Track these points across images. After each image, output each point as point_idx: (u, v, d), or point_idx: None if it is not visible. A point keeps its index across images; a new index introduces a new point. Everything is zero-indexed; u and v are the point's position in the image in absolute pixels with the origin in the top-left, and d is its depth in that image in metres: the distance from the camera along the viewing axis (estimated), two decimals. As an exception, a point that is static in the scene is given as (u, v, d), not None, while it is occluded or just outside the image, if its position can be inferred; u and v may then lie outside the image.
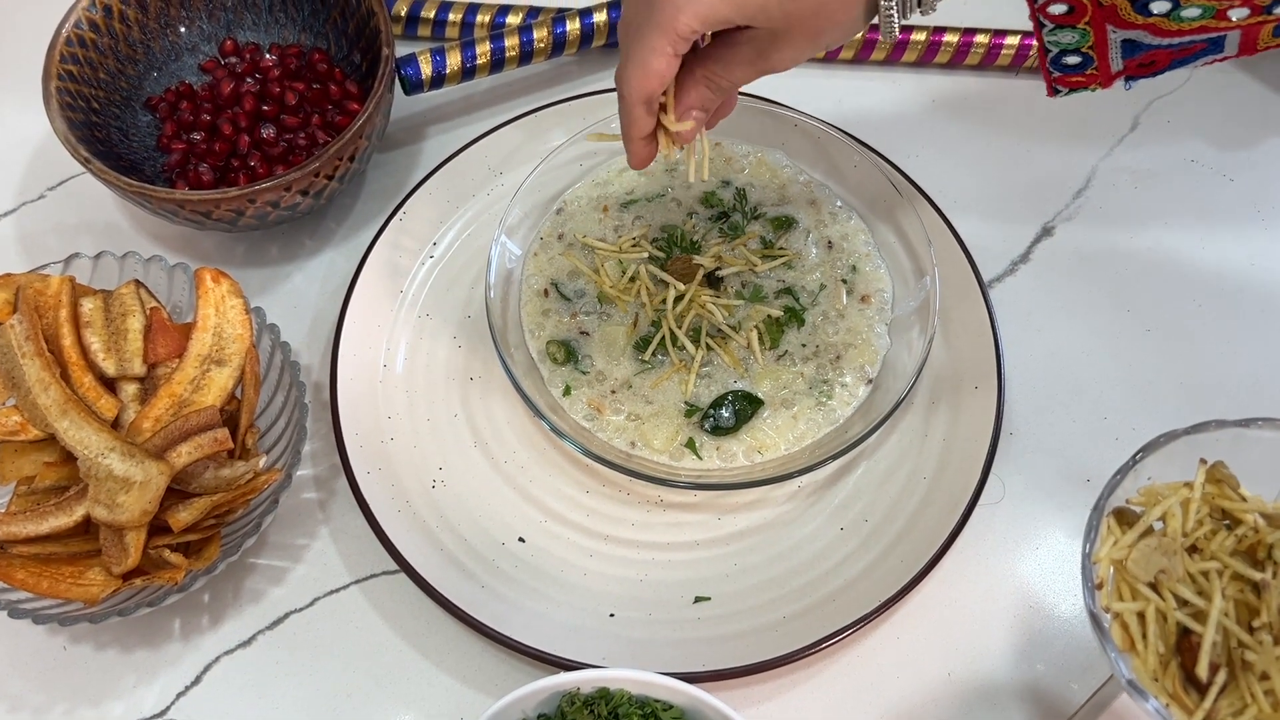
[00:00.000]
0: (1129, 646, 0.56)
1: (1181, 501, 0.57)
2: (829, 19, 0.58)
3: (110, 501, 0.62)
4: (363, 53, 0.86)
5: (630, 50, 0.59)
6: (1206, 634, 0.54)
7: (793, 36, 0.58)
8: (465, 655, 0.69)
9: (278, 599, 0.72)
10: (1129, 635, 0.56)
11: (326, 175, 0.77)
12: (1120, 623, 0.56)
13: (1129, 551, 0.56)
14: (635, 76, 0.59)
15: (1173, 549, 0.56)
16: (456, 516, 0.72)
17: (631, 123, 0.62)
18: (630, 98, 0.60)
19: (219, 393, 0.68)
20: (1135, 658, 0.56)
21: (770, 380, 0.73)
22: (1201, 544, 0.56)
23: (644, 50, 0.58)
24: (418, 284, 0.80)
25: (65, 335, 0.68)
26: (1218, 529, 0.57)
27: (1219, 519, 0.58)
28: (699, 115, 0.63)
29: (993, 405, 0.73)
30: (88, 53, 0.82)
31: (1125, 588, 0.57)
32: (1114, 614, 0.56)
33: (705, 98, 0.62)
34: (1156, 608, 0.55)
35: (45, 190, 0.88)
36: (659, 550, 0.71)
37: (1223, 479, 0.58)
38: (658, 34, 0.57)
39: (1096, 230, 0.84)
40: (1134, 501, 0.59)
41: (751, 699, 0.68)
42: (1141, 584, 0.56)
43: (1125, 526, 0.58)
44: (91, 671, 0.69)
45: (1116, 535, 0.58)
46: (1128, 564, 0.56)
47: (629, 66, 0.59)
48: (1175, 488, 0.58)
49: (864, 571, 0.69)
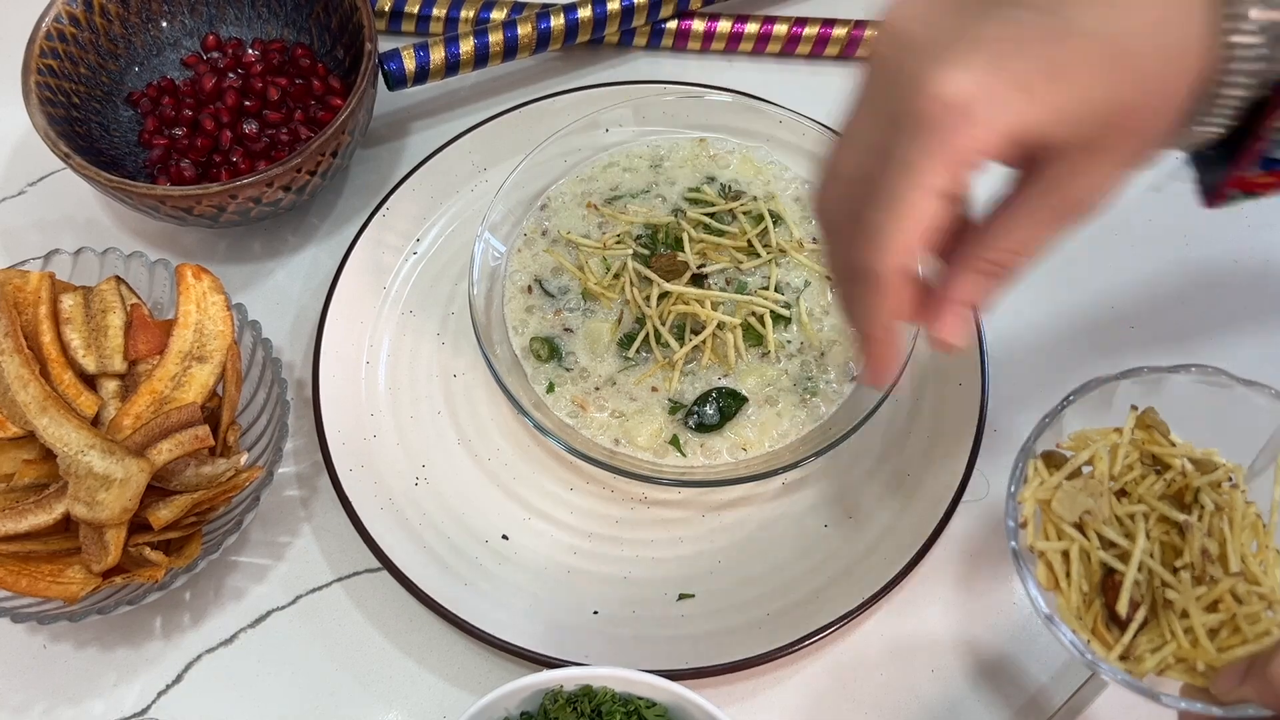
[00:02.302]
0: (1053, 585, 0.57)
1: (1110, 446, 0.58)
2: (1160, 107, 0.44)
3: (90, 499, 0.62)
4: (346, 48, 0.85)
5: (893, 198, 0.42)
6: (1129, 572, 0.55)
7: (1112, 143, 0.44)
8: (448, 653, 0.69)
9: (259, 597, 0.71)
10: (1053, 575, 0.57)
11: (309, 171, 0.77)
12: (1045, 562, 0.58)
13: (1054, 493, 0.57)
14: (904, 233, 0.41)
15: (1099, 491, 0.57)
16: (439, 514, 0.72)
17: (896, 305, 0.44)
18: (891, 266, 0.43)
19: (200, 390, 0.68)
20: (1059, 596, 0.57)
21: (754, 377, 0.73)
22: (1130, 488, 0.57)
23: (918, 191, 0.41)
24: (401, 280, 0.80)
25: (45, 332, 0.68)
26: (1146, 474, 0.58)
27: (1149, 465, 0.58)
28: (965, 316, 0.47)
29: (976, 402, 0.73)
30: (68, 47, 0.81)
31: (1051, 528, 0.58)
32: (1039, 553, 0.57)
33: (983, 287, 0.46)
34: (1081, 547, 0.56)
35: (25, 186, 0.88)
36: (643, 547, 0.71)
37: (1153, 425, 0.59)
38: (941, 164, 0.41)
39: (1081, 229, 0.84)
40: (1065, 446, 0.60)
41: (735, 696, 0.68)
42: (1066, 524, 0.57)
43: (1054, 469, 0.59)
44: (71, 670, 0.69)
45: (1043, 476, 0.59)
46: (1053, 505, 0.57)
47: (893, 221, 0.42)
48: (1105, 433, 0.59)
49: (847, 568, 0.69)
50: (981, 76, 0.41)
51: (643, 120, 0.81)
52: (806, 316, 0.75)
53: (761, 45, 0.92)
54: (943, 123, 0.40)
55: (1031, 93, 0.41)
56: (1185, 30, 0.42)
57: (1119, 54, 0.41)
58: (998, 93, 0.41)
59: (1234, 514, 0.56)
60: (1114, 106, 0.42)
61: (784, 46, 0.91)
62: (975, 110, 0.40)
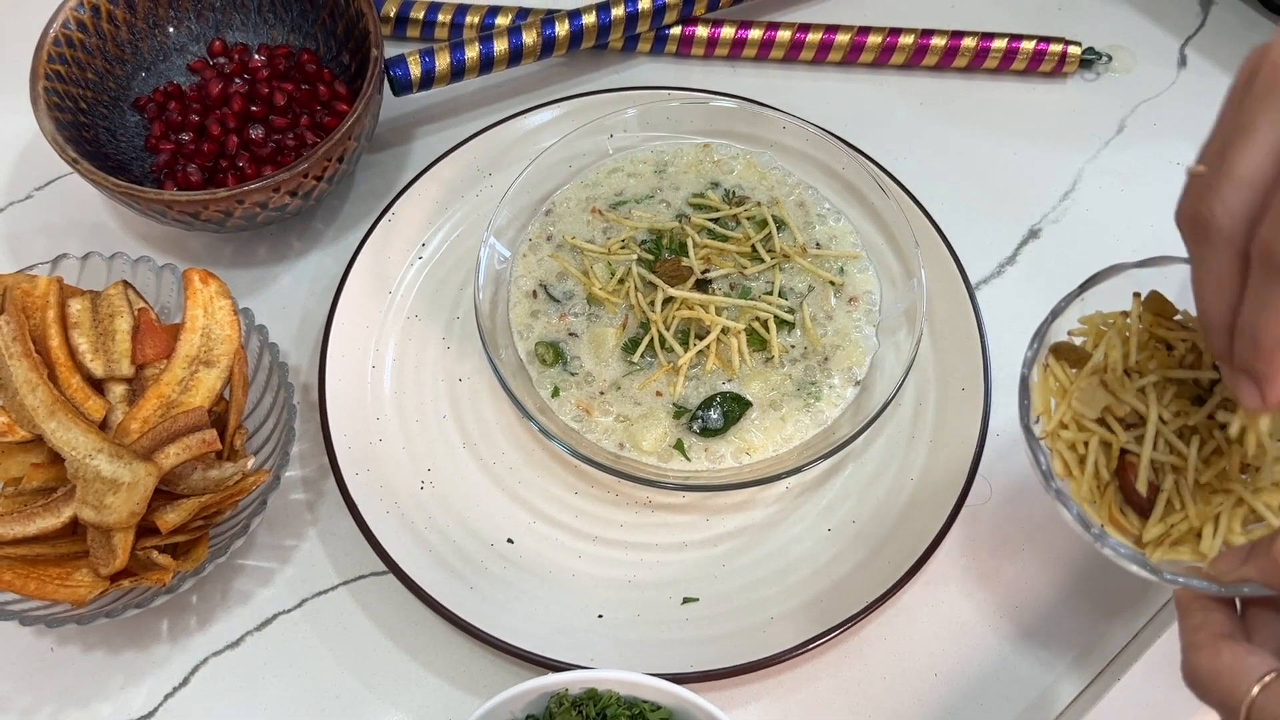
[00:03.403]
0: (1066, 474, 0.57)
1: (1119, 332, 0.57)
2: None
3: (98, 503, 0.62)
4: (351, 53, 0.85)
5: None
6: (1145, 447, 0.54)
7: None
8: (453, 656, 0.69)
9: (266, 600, 0.72)
10: (1067, 465, 0.57)
11: (315, 176, 0.77)
12: (1059, 452, 0.57)
13: (1069, 393, 0.57)
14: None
15: (1116, 383, 0.56)
16: (445, 518, 0.72)
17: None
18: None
19: (207, 394, 0.68)
20: (1072, 483, 0.57)
21: (758, 382, 0.73)
22: (1141, 365, 0.57)
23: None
24: (406, 285, 0.80)
25: (53, 336, 0.68)
26: (1157, 353, 0.57)
27: (1160, 346, 0.58)
28: None
29: (979, 406, 0.73)
30: (75, 53, 0.81)
31: (1069, 418, 0.57)
32: (1052, 447, 0.57)
33: None
34: (1101, 438, 0.56)
35: (33, 190, 0.88)
36: (647, 551, 0.71)
37: (1160, 309, 0.58)
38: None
39: (1083, 233, 0.84)
40: (1075, 332, 0.59)
41: (739, 699, 0.68)
42: (1089, 420, 0.56)
43: (1064, 362, 0.58)
44: (79, 673, 0.69)
45: (1056, 373, 0.58)
46: (1073, 403, 0.57)
47: None
48: (1113, 316, 0.58)
49: (851, 572, 0.69)
50: None
51: (647, 126, 0.82)
52: (810, 321, 0.75)
53: (765, 51, 0.92)
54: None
55: None
56: None
57: None
58: None
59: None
60: None
61: (787, 53, 0.92)
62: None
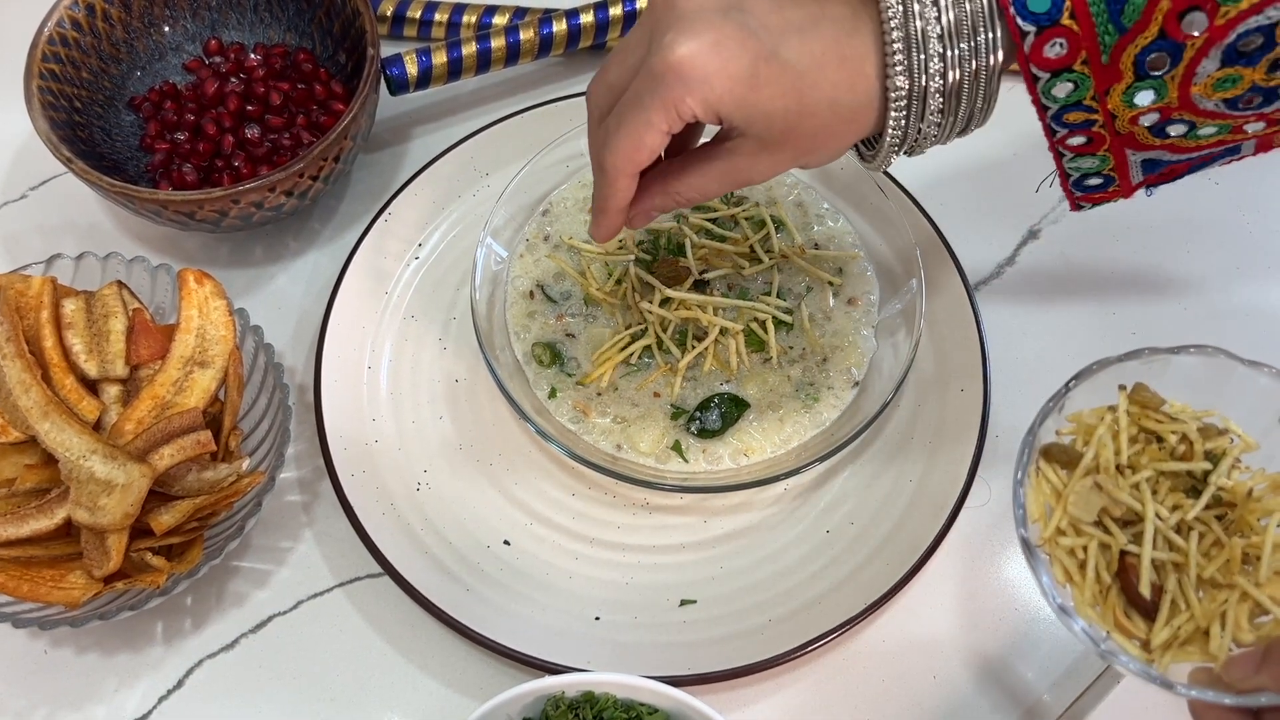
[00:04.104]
0: (1067, 580, 0.57)
1: (1109, 429, 0.58)
2: (826, 143, 0.56)
3: (92, 504, 0.62)
4: (348, 53, 0.85)
5: (626, 119, 0.56)
6: (1145, 546, 0.54)
7: (782, 151, 0.56)
8: (450, 659, 0.69)
9: (261, 602, 0.71)
10: (1067, 571, 0.57)
11: (311, 176, 0.77)
12: (1059, 559, 0.57)
13: (1065, 494, 0.57)
14: (627, 148, 0.56)
15: (1110, 482, 0.56)
16: (441, 519, 0.72)
17: (614, 193, 0.59)
18: (617, 168, 0.58)
19: (202, 395, 0.68)
20: (1075, 589, 0.56)
21: (756, 383, 0.73)
22: (1133, 460, 0.57)
23: (640, 123, 0.55)
24: (403, 286, 0.80)
25: (47, 336, 0.68)
26: (1148, 446, 0.57)
27: (1150, 439, 0.58)
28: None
29: (978, 408, 0.73)
30: (70, 52, 0.81)
31: (1065, 524, 0.57)
32: (1050, 553, 0.57)
33: (663, 206, 0.61)
34: (1099, 541, 0.56)
35: (27, 190, 0.88)
36: (644, 553, 0.71)
37: (1146, 402, 0.58)
38: (659, 109, 0.54)
39: (1082, 234, 0.84)
40: (1063, 432, 0.59)
41: (737, 702, 0.68)
42: (1086, 524, 0.56)
43: (1054, 464, 0.58)
44: (73, 675, 0.69)
45: (1049, 475, 0.58)
46: (1069, 508, 0.57)
47: (621, 137, 0.56)
48: (1100, 412, 0.58)
49: (849, 575, 0.69)
50: (703, 56, 0.52)
51: (645, 126, 0.81)
52: (808, 322, 0.75)
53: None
54: (665, 78, 0.53)
55: (733, 85, 0.53)
56: (855, 97, 0.54)
57: (803, 90, 0.53)
58: (710, 74, 0.52)
59: (1239, 490, 0.56)
60: (790, 126, 0.54)
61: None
62: (690, 79, 0.52)
